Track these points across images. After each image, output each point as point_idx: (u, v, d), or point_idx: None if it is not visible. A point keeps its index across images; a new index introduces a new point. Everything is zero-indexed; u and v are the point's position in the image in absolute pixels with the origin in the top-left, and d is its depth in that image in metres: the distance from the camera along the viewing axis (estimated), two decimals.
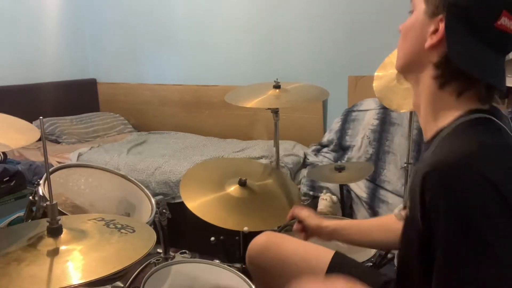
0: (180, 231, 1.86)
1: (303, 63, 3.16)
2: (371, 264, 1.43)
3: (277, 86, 1.81)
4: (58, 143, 3.39)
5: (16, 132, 1.22)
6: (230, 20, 3.41)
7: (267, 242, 1.21)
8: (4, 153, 2.44)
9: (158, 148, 3.11)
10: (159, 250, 1.53)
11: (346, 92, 3.03)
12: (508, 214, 0.64)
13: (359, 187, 2.46)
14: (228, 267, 1.31)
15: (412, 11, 0.84)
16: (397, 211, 0.92)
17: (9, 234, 0.91)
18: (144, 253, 0.81)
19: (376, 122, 2.59)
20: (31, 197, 1.27)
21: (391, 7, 2.76)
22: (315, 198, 2.48)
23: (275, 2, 3.21)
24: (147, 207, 1.47)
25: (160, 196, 2.44)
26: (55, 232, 0.83)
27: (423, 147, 0.89)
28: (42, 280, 0.72)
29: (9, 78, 3.35)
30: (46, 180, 1.03)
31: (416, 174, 0.76)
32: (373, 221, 1.28)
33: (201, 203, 1.50)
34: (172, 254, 1.53)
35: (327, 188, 2.46)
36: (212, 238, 1.64)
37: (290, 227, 1.30)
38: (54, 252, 0.79)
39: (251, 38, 3.35)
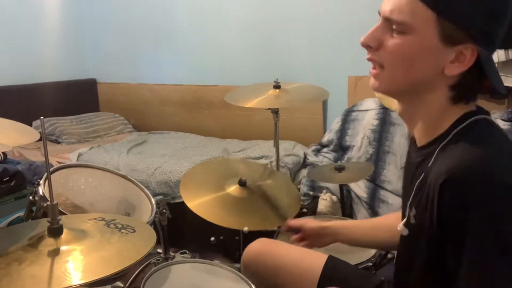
0: (180, 231, 1.85)
1: (303, 63, 3.15)
2: (371, 264, 1.43)
3: (277, 86, 1.81)
4: (58, 143, 3.38)
5: (16, 132, 1.22)
6: (230, 20, 3.41)
7: (261, 249, 1.21)
8: (4, 153, 2.44)
9: (158, 148, 3.11)
10: (159, 250, 1.53)
11: (346, 92, 3.03)
12: None
13: (359, 187, 2.46)
14: (228, 267, 1.31)
15: (399, 31, 0.78)
16: (402, 226, 0.90)
17: (9, 234, 0.91)
18: (145, 253, 0.81)
19: (376, 122, 2.59)
20: (31, 197, 1.27)
21: None
22: (315, 198, 2.48)
23: (275, 2, 3.20)
24: (147, 207, 1.47)
25: (160, 196, 2.44)
26: (55, 232, 0.83)
27: (415, 153, 0.88)
28: (43, 281, 0.72)
29: (9, 78, 3.35)
30: (47, 180, 1.03)
31: (425, 181, 0.77)
32: (376, 221, 1.28)
33: (201, 203, 1.50)
34: (172, 254, 1.52)
35: (327, 188, 2.46)
36: (212, 238, 1.64)
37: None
38: (55, 252, 0.79)
39: (251, 38, 3.35)
